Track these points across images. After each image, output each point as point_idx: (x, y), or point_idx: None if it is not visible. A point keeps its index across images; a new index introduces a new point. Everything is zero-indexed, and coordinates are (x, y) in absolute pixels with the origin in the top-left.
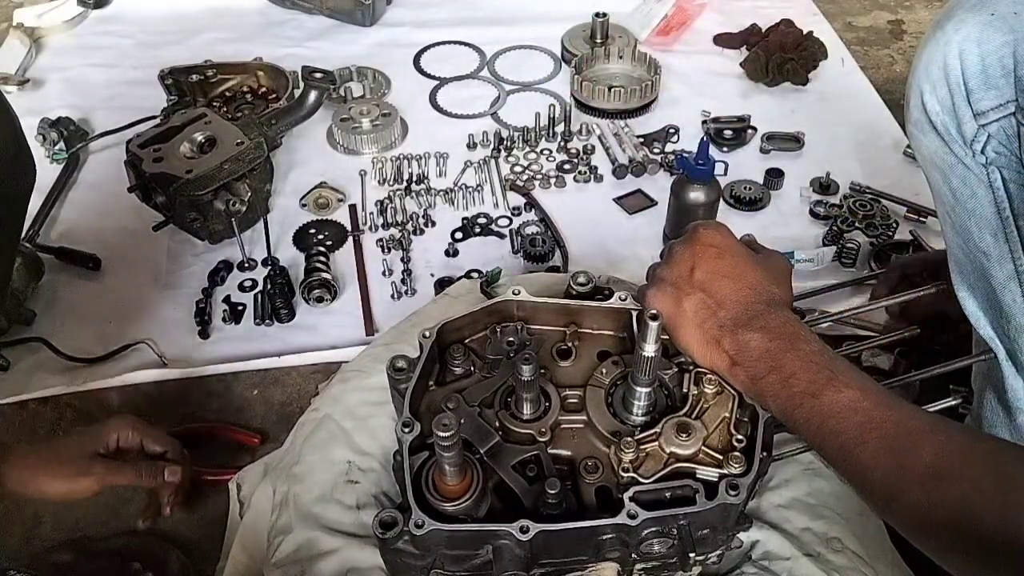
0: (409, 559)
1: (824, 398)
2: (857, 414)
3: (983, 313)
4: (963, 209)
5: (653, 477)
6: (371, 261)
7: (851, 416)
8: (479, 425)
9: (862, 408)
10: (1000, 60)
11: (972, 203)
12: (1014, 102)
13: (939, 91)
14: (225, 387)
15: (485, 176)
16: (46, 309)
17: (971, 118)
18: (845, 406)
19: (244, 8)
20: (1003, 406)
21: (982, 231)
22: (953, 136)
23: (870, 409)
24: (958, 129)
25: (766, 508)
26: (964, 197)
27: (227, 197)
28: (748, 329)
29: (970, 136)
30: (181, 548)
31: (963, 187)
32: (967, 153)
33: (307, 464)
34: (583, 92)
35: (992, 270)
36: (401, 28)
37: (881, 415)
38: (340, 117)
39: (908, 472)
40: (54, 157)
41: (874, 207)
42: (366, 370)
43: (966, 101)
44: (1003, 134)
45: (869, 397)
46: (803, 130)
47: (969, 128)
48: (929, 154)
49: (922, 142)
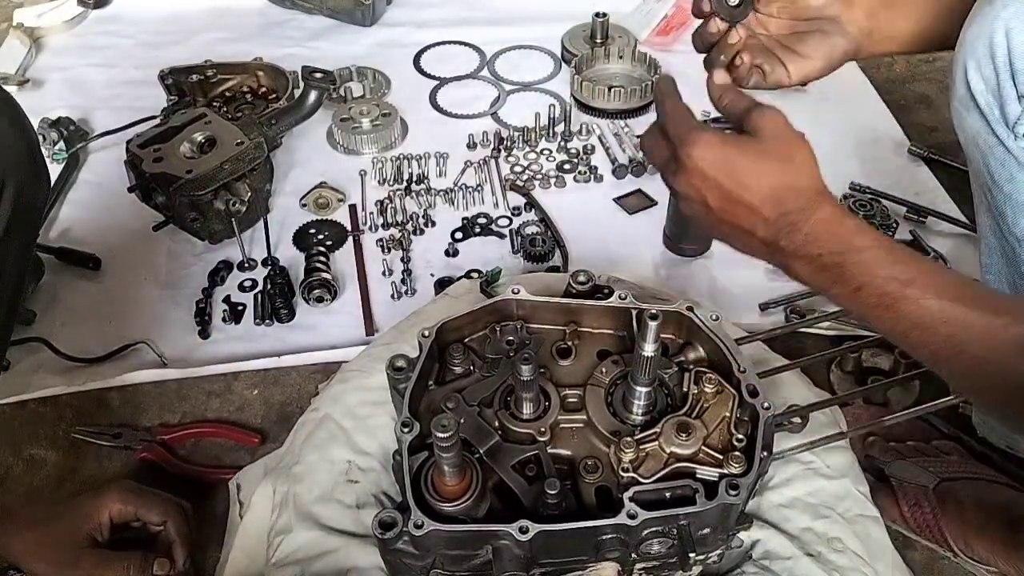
0: (409, 559)
1: (900, 310)
2: (945, 325)
3: None
4: (1000, 192)
5: (653, 477)
6: (371, 261)
7: (938, 328)
8: (479, 425)
9: (948, 318)
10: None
11: (1009, 187)
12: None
13: (984, 69)
14: (225, 387)
15: (485, 176)
16: (46, 309)
17: (1015, 99)
18: (926, 318)
19: (244, 8)
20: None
21: (1016, 216)
22: (996, 117)
23: (956, 317)
24: (1001, 110)
25: (766, 507)
26: (1002, 180)
27: (227, 197)
28: (791, 252)
29: (1013, 118)
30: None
31: (1001, 169)
32: (1009, 135)
33: (307, 464)
34: (583, 92)
35: (1023, 256)
36: (401, 28)
37: (968, 319)
38: (340, 117)
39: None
40: (54, 157)
41: (874, 207)
42: (366, 370)
43: (1011, 81)
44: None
45: (948, 302)
46: (803, 130)
47: (1013, 109)
48: (972, 133)
49: (965, 120)
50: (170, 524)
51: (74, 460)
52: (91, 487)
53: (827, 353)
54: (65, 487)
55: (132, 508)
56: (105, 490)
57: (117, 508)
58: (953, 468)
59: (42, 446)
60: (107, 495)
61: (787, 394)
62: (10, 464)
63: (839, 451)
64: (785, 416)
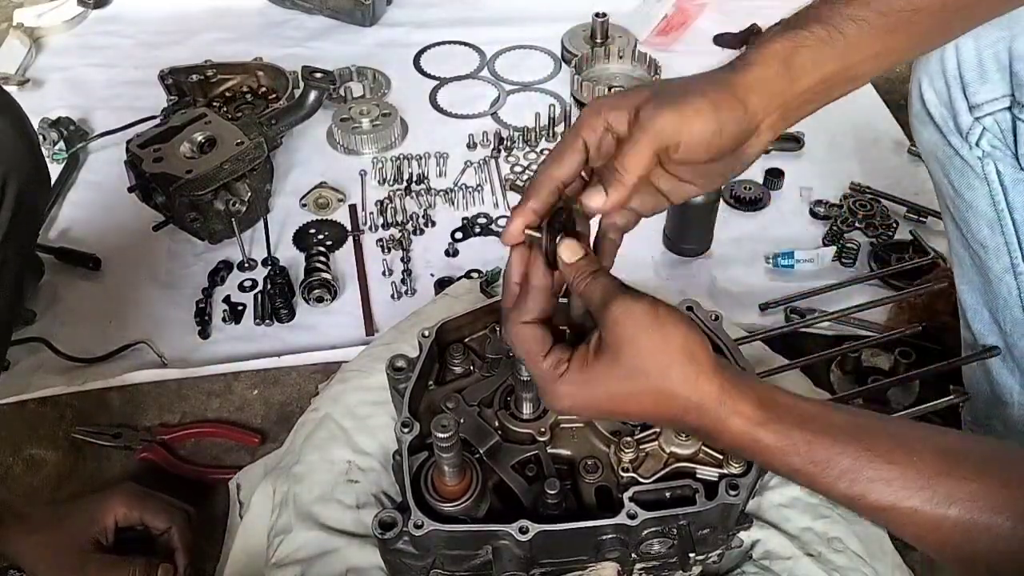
0: (409, 559)
1: (856, 503)
2: (898, 514)
3: (980, 306)
4: (961, 201)
5: (653, 477)
6: (371, 261)
7: (893, 516)
8: (478, 425)
9: (901, 509)
10: (995, 55)
11: (969, 195)
12: (1009, 96)
13: (936, 83)
14: (225, 387)
15: (485, 176)
16: (46, 309)
17: (967, 111)
18: (880, 506)
19: (244, 8)
20: (995, 398)
21: (979, 223)
22: (951, 128)
23: (913, 506)
24: (955, 121)
25: (766, 507)
26: (962, 189)
27: (227, 197)
28: (712, 441)
29: (966, 128)
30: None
31: (960, 179)
32: (963, 145)
33: (307, 464)
34: (583, 92)
35: (989, 262)
36: (401, 28)
37: (924, 507)
38: (340, 117)
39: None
40: (54, 157)
41: (874, 207)
42: (366, 370)
43: (962, 94)
44: (997, 127)
45: (900, 485)
46: (803, 130)
47: (965, 120)
48: (930, 146)
49: (922, 134)
50: (174, 531)
51: (74, 460)
52: (92, 487)
53: (827, 353)
54: (65, 487)
55: (137, 513)
56: (110, 494)
57: (123, 512)
58: None
59: (42, 446)
60: (112, 499)
61: None
62: (10, 464)
63: None
64: None
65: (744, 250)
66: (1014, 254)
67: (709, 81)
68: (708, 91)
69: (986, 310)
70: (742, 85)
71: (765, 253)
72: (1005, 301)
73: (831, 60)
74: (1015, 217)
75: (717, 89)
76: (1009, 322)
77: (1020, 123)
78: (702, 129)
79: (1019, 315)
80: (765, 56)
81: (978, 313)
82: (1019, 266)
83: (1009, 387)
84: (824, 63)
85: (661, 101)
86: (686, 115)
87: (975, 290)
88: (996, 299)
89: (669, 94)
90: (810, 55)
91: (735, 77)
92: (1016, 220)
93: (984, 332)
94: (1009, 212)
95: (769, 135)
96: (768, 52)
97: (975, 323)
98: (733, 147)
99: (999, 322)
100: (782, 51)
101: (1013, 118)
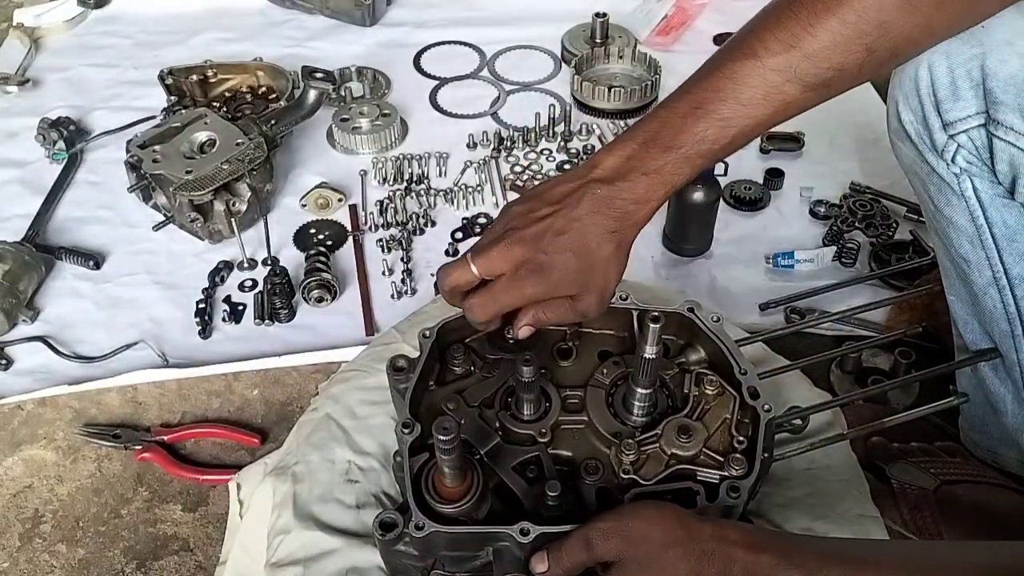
0: (409, 560)
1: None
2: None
3: (969, 317)
4: (942, 217)
5: (654, 479)
6: (371, 261)
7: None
8: (479, 426)
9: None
10: (968, 72)
11: (948, 211)
12: (983, 114)
13: (911, 101)
14: (225, 387)
15: (485, 176)
16: (46, 309)
17: (940, 128)
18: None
19: (244, 8)
20: (990, 406)
21: (960, 238)
22: (927, 146)
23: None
24: (930, 139)
25: (767, 508)
26: (941, 205)
27: (227, 197)
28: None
29: (941, 146)
30: (181, 548)
31: (939, 196)
32: (940, 162)
33: (307, 464)
34: (583, 92)
35: (972, 276)
36: (401, 28)
37: None
38: (340, 117)
39: None
40: (54, 157)
41: (874, 207)
42: (366, 370)
43: (936, 112)
44: (972, 145)
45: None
46: (803, 130)
47: (940, 138)
48: (909, 163)
49: (901, 151)
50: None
51: (74, 460)
52: (92, 487)
53: (828, 354)
54: (65, 487)
55: None
56: None
57: None
58: (956, 470)
59: (42, 446)
60: None
61: (788, 394)
62: (10, 464)
63: (839, 451)
64: (786, 418)
65: (744, 250)
66: (995, 268)
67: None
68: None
69: (975, 321)
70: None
71: (765, 253)
72: (991, 313)
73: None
74: (994, 232)
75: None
76: (997, 333)
77: (996, 140)
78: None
79: (1005, 327)
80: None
81: (968, 323)
82: (1001, 280)
83: (1002, 396)
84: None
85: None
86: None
87: (963, 301)
88: (983, 311)
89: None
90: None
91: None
92: (996, 235)
93: (976, 342)
94: (988, 227)
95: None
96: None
97: (966, 333)
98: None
99: (988, 333)
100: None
101: (988, 135)
